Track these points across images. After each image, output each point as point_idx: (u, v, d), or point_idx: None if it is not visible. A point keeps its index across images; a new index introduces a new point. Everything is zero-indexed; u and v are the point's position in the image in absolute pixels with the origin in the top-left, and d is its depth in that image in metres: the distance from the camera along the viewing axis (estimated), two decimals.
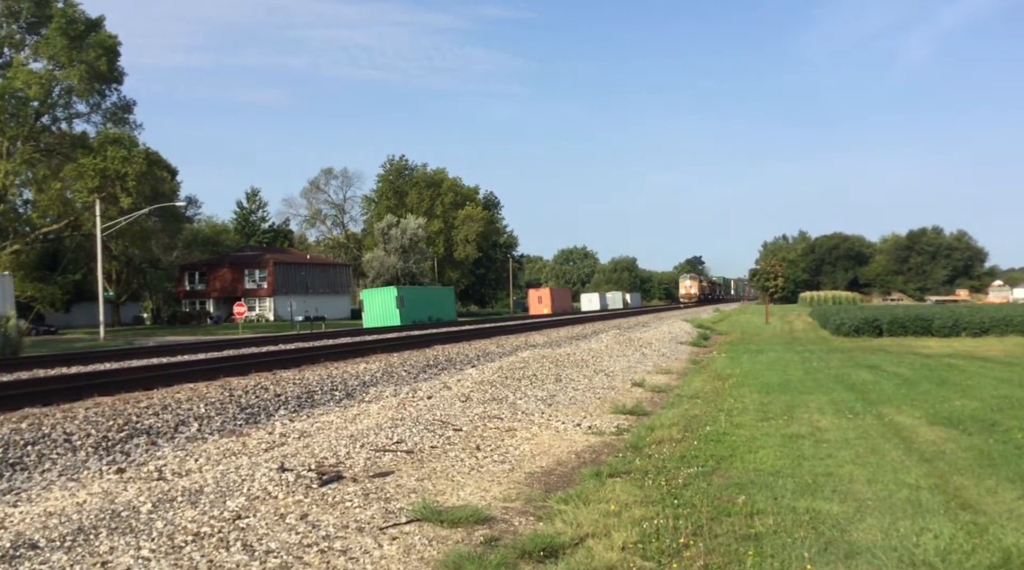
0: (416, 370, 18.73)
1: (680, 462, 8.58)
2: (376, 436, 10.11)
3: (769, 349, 26.63)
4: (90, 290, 61.01)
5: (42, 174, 59.37)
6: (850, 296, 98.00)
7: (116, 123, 61.98)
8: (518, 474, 8.49)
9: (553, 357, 20.55)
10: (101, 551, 5.69)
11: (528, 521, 6.75)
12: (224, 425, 11.63)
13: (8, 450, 9.17)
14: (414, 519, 6.61)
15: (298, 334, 36.62)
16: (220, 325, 69.21)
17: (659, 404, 13.94)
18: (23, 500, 7.66)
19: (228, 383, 14.76)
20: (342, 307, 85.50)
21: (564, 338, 30.10)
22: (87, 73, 56.27)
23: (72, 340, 45.31)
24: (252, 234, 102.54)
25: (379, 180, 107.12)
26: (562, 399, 14.25)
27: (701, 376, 18.24)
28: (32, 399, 12.28)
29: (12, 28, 58.33)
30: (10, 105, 56.15)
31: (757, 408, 12.57)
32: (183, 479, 8.02)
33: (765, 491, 7.28)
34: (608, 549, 5.72)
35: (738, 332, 38.76)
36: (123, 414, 11.24)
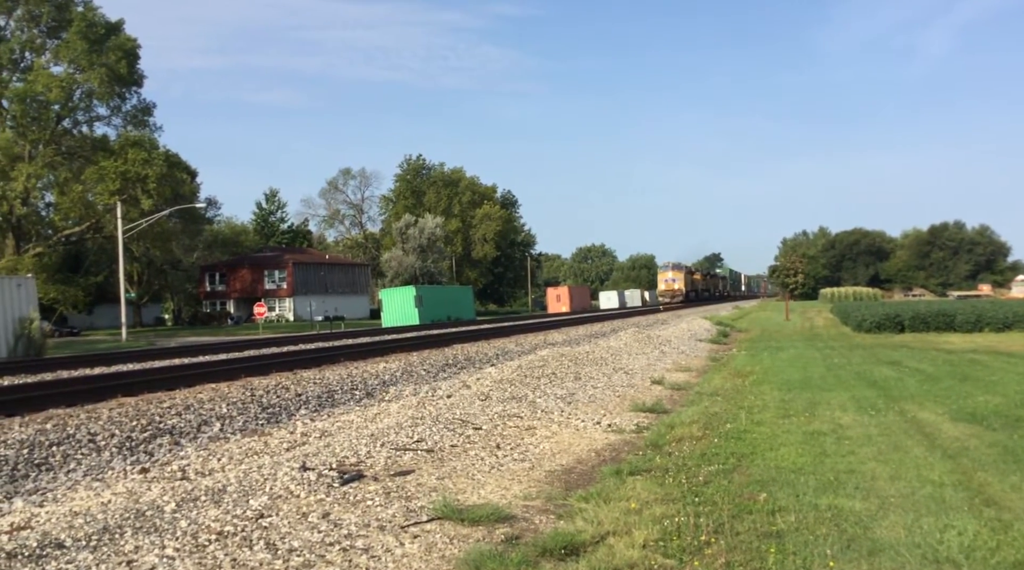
0: (435, 369, 18.78)
1: (701, 460, 8.55)
2: (396, 435, 10.15)
3: (789, 346, 26.49)
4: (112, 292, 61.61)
5: (64, 177, 60.01)
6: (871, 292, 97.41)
7: (136, 126, 62.55)
8: (538, 472, 8.50)
9: (572, 355, 20.54)
10: (126, 550, 5.75)
11: (549, 519, 6.75)
12: (246, 425, 11.71)
13: (34, 451, 9.27)
14: (435, 518, 6.63)
15: (318, 334, 36.80)
16: (240, 325, 69.66)
17: (679, 402, 13.91)
18: (49, 500, 7.75)
19: (249, 383, 14.85)
20: (361, 307, 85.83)
21: (583, 336, 30.08)
22: (107, 76, 56.82)
23: (94, 341, 45.75)
24: (271, 235, 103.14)
25: (397, 180, 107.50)
26: (581, 397, 14.25)
27: (721, 373, 18.17)
28: (56, 400, 12.42)
29: (33, 32, 58.96)
30: (32, 109, 56.77)
31: (778, 405, 12.51)
32: (206, 478, 8.08)
33: (787, 488, 7.25)
34: (629, 547, 5.71)
35: (758, 329, 38.58)
36: (146, 414, 11.34)
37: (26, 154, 56.54)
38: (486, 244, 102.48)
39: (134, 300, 69.13)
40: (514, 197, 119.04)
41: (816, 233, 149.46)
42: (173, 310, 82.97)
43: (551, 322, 39.52)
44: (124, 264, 51.12)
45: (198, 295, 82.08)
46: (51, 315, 56.44)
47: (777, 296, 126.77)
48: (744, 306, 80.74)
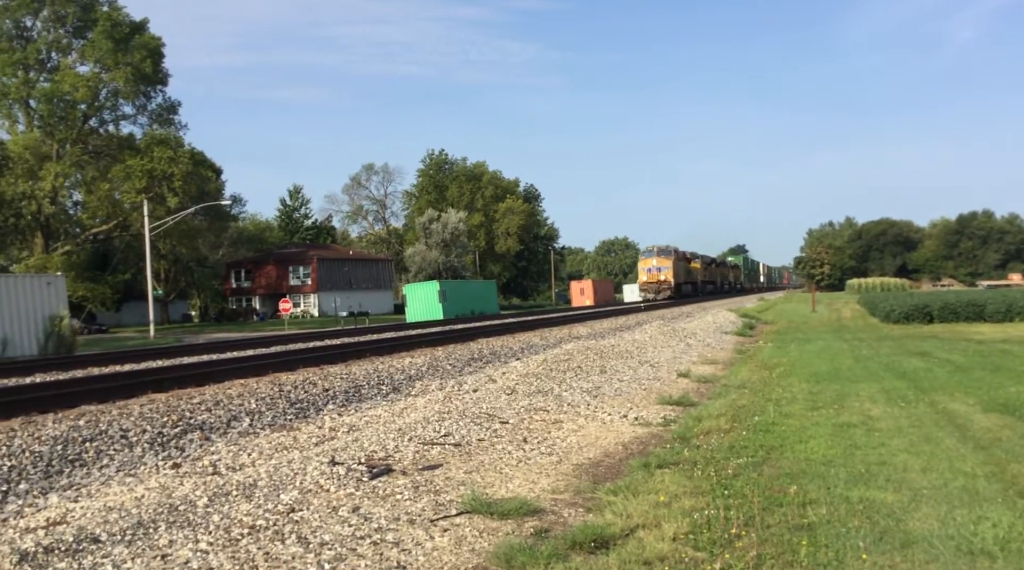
0: (461, 363, 18.82)
1: (729, 452, 8.52)
2: (424, 429, 10.19)
3: (817, 338, 26.30)
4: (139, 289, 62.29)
5: (91, 176, 60.69)
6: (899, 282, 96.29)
7: (162, 124, 63.12)
8: (566, 466, 8.51)
9: (597, 349, 20.50)
10: (160, 544, 5.82)
11: (578, 512, 6.76)
12: (275, 420, 11.80)
13: (67, 447, 9.40)
14: (464, 511, 6.66)
15: (343, 329, 36.98)
16: (266, 321, 70.17)
17: (706, 394, 13.85)
18: (83, 495, 7.86)
19: (277, 378, 14.96)
20: (385, 302, 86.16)
21: (607, 329, 30.01)
22: (133, 75, 57.37)
23: (123, 338, 46.26)
24: (295, 231, 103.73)
25: (419, 175, 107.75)
26: (607, 390, 14.23)
27: (748, 366, 18.08)
28: (88, 397, 12.57)
29: (59, 33, 59.62)
30: (59, 108, 57.44)
31: (806, 397, 12.43)
32: (237, 473, 8.16)
33: (817, 481, 7.21)
34: (659, 540, 5.70)
35: (784, 321, 38.31)
36: (177, 410, 11.46)
37: (54, 153, 57.22)
38: (509, 238, 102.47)
39: (161, 297, 69.80)
40: (537, 191, 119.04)
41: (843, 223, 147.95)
42: (200, 307, 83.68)
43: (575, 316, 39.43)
44: (151, 261, 51.61)
45: (224, 292, 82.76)
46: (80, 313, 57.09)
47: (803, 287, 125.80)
48: (769, 298, 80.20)
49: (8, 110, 59.51)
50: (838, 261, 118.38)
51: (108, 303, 63.15)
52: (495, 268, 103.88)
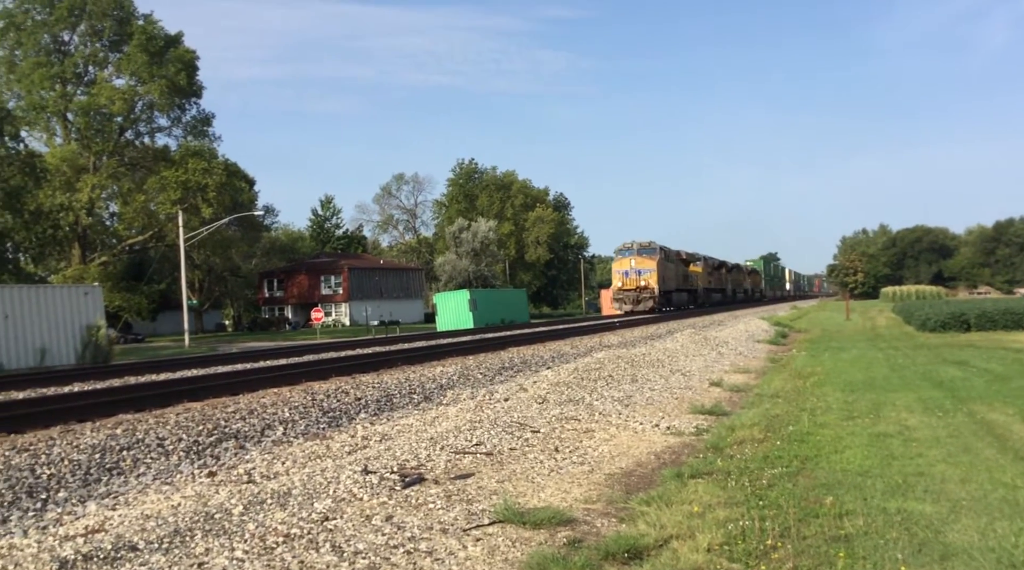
0: (492, 372, 18.83)
1: (763, 463, 8.44)
2: (455, 438, 10.21)
3: (851, 346, 25.99)
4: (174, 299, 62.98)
5: (127, 187, 61.60)
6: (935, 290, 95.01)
7: (196, 136, 63.95)
8: (598, 475, 8.48)
9: (628, 357, 20.42)
10: (197, 552, 5.88)
11: (610, 522, 6.73)
12: (308, 428, 11.88)
13: (105, 455, 9.53)
14: (496, 521, 6.65)
15: (374, 338, 37.17)
16: (298, 331, 70.70)
17: (739, 404, 13.74)
18: (121, 503, 7.96)
19: (310, 387, 15.07)
20: (415, 311, 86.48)
21: (638, 338, 29.89)
22: (167, 88, 58.21)
23: (159, 348, 46.84)
24: (327, 241, 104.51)
25: (449, 184, 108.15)
26: (639, 399, 14.16)
27: (781, 375, 17.91)
28: (125, 406, 12.75)
29: (96, 47, 60.67)
30: (95, 121, 58.43)
31: (841, 407, 12.29)
32: (271, 482, 8.22)
33: (854, 492, 7.12)
34: (693, 551, 5.66)
35: (817, 329, 37.92)
36: (212, 419, 11.58)
37: (91, 165, 58.18)
38: (539, 247, 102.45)
39: (196, 307, 70.59)
40: (566, 199, 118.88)
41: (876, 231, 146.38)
42: (233, 316, 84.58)
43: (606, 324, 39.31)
44: (186, 271, 52.26)
45: (257, 301, 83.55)
46: (116, 322, 57.94)
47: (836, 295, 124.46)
48: (802, 306, 79.41)
49: (46, 123, 60.61)
50: (872, 269, 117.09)
51: (144, 313, 63.98)
52: (525, 277, 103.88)
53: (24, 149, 48.50)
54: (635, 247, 52.59)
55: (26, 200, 45.06)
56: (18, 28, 58.08)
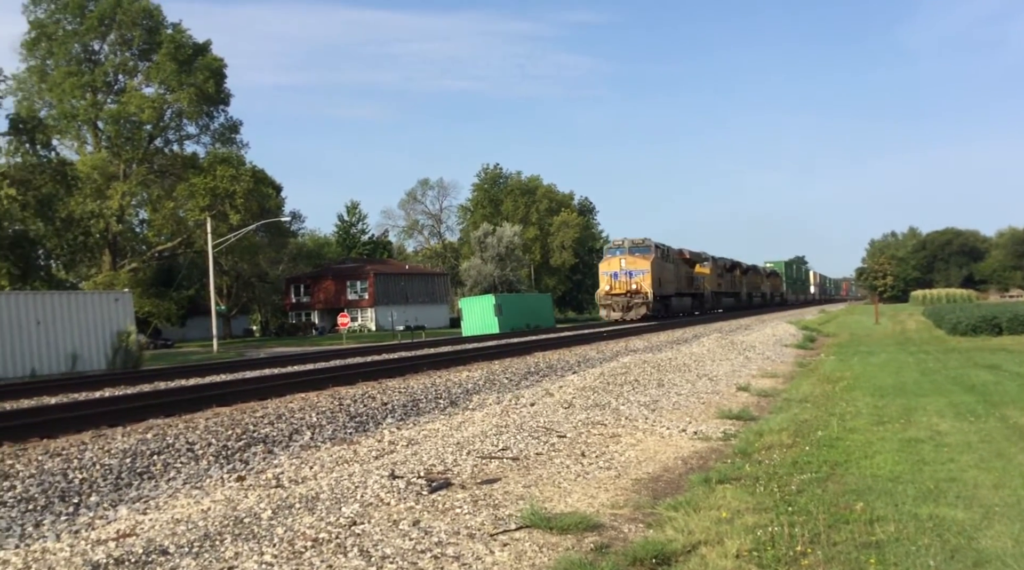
0: (518, 377, 18.83)
1: (792, 468, 8.38)
2: (482, 443, 10.21)
3: (880, 350, 25.72)
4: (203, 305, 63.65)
5: (156, 194, 62.37)
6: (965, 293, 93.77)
7: (224, 143, 64.67)
8: (624, 480, 8.45)
9: (654, 362, 20.34)
10: (227, 557, 5.93)
11: (638, 528, 6.71)
12: (335, 433, 11.95)
13: (136, 460, 9.64)
14: (523, 526, 6.65)
15: (400, 343, 37.30)
16: (325, 336, 71.12)
17: (766, 409, 13.65)
18: (152, 508, 8.05)
19: (337, 392, 15.15)
20: (441, 316, 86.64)
21: (664, 342, 29.75)
22: (196, 96, 58.92)
23: (187, 353, 47.30)
24: (353, 246, 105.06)
25: (474, 189, 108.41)
26: (665, 404, 14.10)
27: (809, 379, 17.76)
28: (155, 411, 12.88)
29: (126, 56, 61.56)
30: (125, 129, 59.28)
31: (871, 412, 12.16)
32: (299, 486, 8.27)
33: (884, 497, 7.05)
34: (722, 557, 5.63)
35: (846, 333, 37.58)
36: (240, 423, 11.67)
37: (121, 173, 58.97)
38: (564, 251, 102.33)
39: (224, 312, 71.21)
40: (591, 204, 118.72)
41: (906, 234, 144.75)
42: (261, 321, 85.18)
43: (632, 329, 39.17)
44: (214, 277, 52.77)
45: (284, 306, 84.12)
46: (146, 328, 58.59)
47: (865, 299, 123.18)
48: (830, 310, 78.68)
49: (77, 131, 61.55)
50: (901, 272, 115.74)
51: (173, 318, 64.65)
52: (550, 281, 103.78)
53: (55, 157, 49.25)
54: (626, 245, 46.24)
55: (58, 207, 45.70)
56: (49, 38, 59.06)
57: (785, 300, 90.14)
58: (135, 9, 59.00)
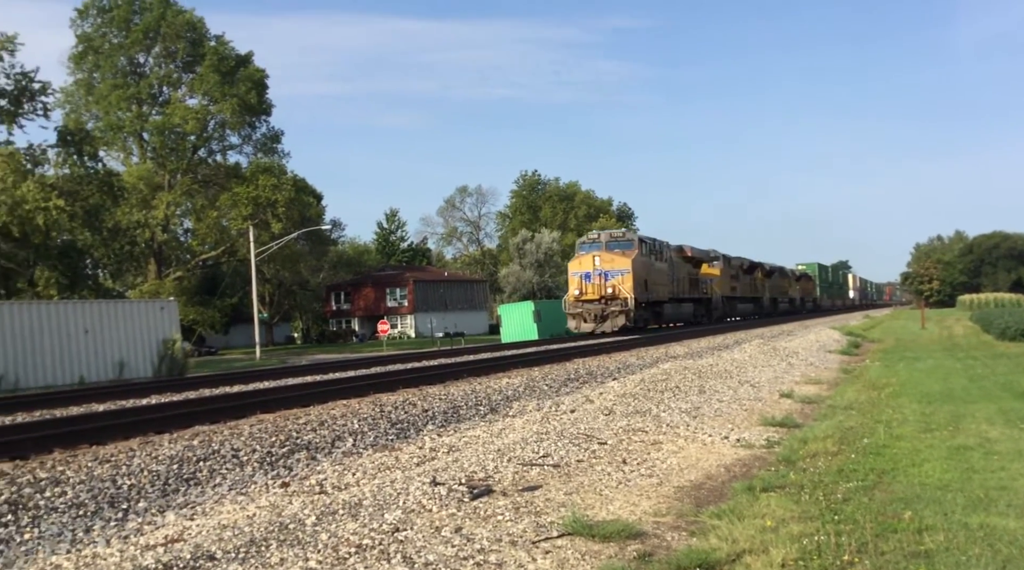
0: (557, 384, 18.81)
1: (838, 476, 8.26)
2: (522, 450, 10.21)
3: (927, 356, 25.26)
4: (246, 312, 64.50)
5: (200, 204, 63.38)
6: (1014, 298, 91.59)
7: (266, 153, 65.57)
8: (667, 488, 8.40)
9: (695, 368, 20.19)
10: (272, 562, 6.00)
11: (681, 536, 6.66)
12: (377, 440, 12.03)
13: (183, 466, 9.79)
14: (565, 533, 6.64)
15: (439, 350, 37.43)
16: (365, 343, 71.60)
17: (810, 416, 13.47)
18: (199, 513, 8.17)
19: (378, 399, 15.25)
20: (480, 322, 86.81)
21: (705, 348, 29.52)
22: (239, 106, 59.83)
23: (231, 360, 47.93)
24: (392, 253, 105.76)
25: (513, 196, 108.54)
26: (707, 411, 13.99)
27: (854, 386, 17.50)
28: (201, 417, 13.08)
29: (170, 68, 62.73)
30: (170, 140, 60.37)
31: (918, 419, 11.95)
32: (342, 492, 8.34)
33: (933, 506, 6.92)
34: (767, 566, 5.58)
35: (891, 339, 36.98)
36: (284, 430, 11.81)
37: (166, 183, 60.02)
38: None
39: (266, 320, 72.06)
40: (630, 209, 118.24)
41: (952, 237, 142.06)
42: (302, 329, 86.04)
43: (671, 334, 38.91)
44: (256, 285, 53.44)
45: (324, 314, 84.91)
46: (191, 336, 59.48)
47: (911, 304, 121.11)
48: (875, 315, 77.45)
49: (123, 143, 62.78)
50: (948, 276, 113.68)
51: (217, 326, 65.59)
52: None
53: (102, 168, 50.24)
54: (602, 239, 38.64)
55: (105, 218, 46.67)
56: (96, 51, 60.37)
57: (819, 306, 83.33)
58: (179, 22, 60.10)
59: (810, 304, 79.52)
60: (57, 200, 40.30)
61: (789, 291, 71.33)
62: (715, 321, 49.39)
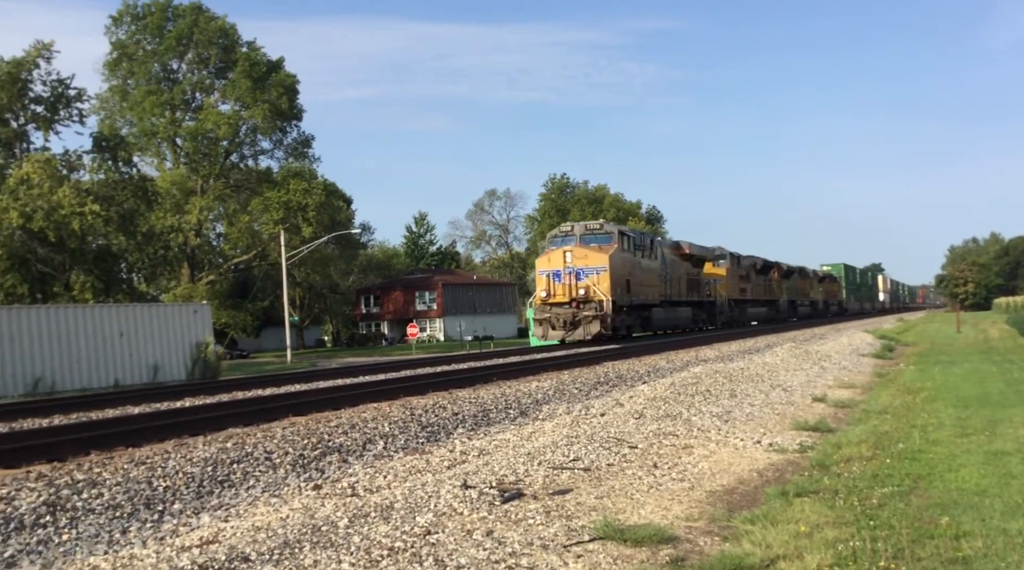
0: (587, 387, 18.76)
1: (873, 481, 8.17)
2: (552, 454, 10.20)
3: (963, 360, 24.90)
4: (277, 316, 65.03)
5: (232, 209, 64.06)
6: None
7: (297, 158, 66.21)
8: (698, 492, 8.35)
9: (726, 372, 20.06)
10: (306, 564, 6.04)
11: (713, 541, 6.62)
12: (407, 443, 12.07)
13: (216, 468, 9.89)
14: (597, 537, 6.62)
15: (468, 353, 37.50)
16: (394, 346, 71.96)
17: (844, 420, 13.34)
18: (232, 515, 8.25)
19: (408, 402, 15.29)
20: (509, 326, 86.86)
21: (736, 352, 29.31)
22: (270, 112, 60.47)
23: (262, 363, 48.37)
24: (421, 257, 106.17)
25: (541, 199, 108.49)
26: (738, 415, 13.89)
27: (888, 390, 17.30)
28: (234, 420, 13.20)
29: (203, 74, 63.53)
30: (203, 145, 61.16)
31: (954, 423, 11.79)
32: (374, 495, 8.38)
33: (971, 512, 6.83)
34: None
35: (926, 342, 36.50)
36: (316, 433, 11.89)
37: (198, 188, 60.75)
38: None
39: (297, 323, 72.61)
40: (659, 213, 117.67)
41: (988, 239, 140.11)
42: (332, 332, 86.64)
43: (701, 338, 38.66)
44: (287, 289, 53.87)
45: (354, 317, 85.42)
46: (223, 339, 60.12)
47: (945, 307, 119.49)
48: (908, 319, 76.45)
49: (157, 148, 63.70)
50: (983, 279, 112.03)
51: (248, 329, 66.26)
52: None
53: (137, 174, 51.02)
54: (575, 232, 32.92)
55: (139, 222, 47.32)
56: (130, 58, 61.30)
57: (845, 309, 78.03)
58: (211, 28, 60.85)
59: (835, 307, 74.66)
60: (93, 205, 40.93)
61: (810, 293, 66.71)
62: (720, 327, 44.89)
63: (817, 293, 68.59)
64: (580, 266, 31.31)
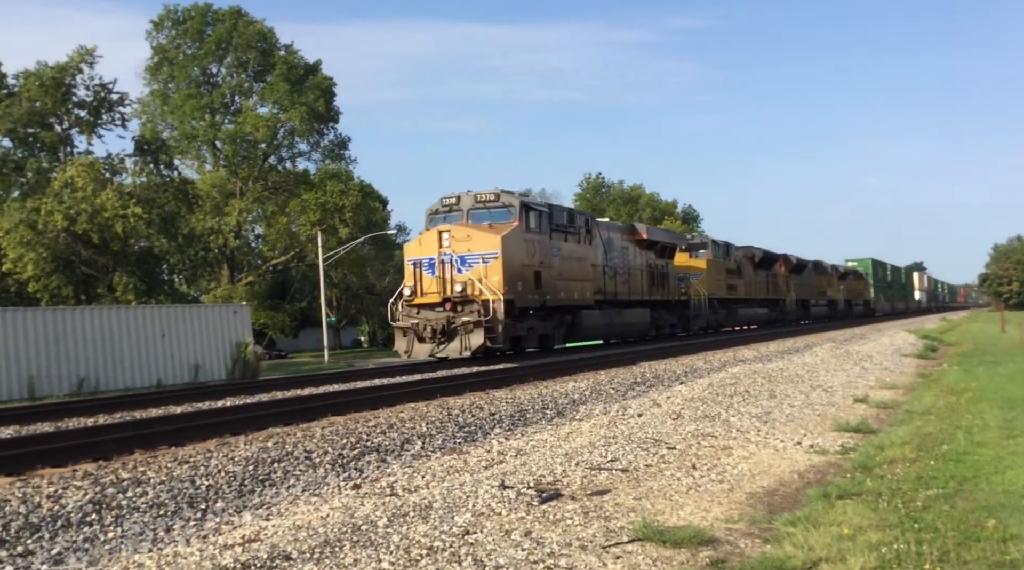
0: (624, 388, 18.69)
1: (917, 483, 8.05)
2: (590, 454, 10.19)
3: (1008, 360, 24.40)
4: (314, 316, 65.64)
5: (270, 210, 64.75)
6: None
7: (334, 159, 66.67)
8: (738, 494, 8.29)
9: (765, 372, 19.88)
10: (346, 563, 6.09)
11: (754, 543, 6.57)
12: (444, 443, 12.12)
13: (258, 467, 10.01)
14: (635, 538, 6.60)
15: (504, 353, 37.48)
16: None
17: (886, 421, 13.15)
18: (274, 514, 8.34)
19: (445, 402, 15.36)
20: None
21: (774, 352, 29.03)
22: (307, 114, 60.99)
23: (300, 364, 48.83)
24: None
25: (577, 198, 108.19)
26: (778, 416, 13.75)
27: (932, 391, 17.02)
28: (275, 419, 13.35)
29: (242, 78, 64.24)
30: (242, 148, 61.87)
31: (1000, 425, 11.56)
32: (413, 495, 8.43)
33: (1018, 515, 6.69)
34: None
35: (969, 342, 35.85)
36: (354, 433, 11.99)
37: (238, 191, 61.46)
38: None
39: (334, 324, 73.18)
40: (695, 212, 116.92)
41: None
42: (368, 332, 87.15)
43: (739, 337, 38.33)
44: (324, 290, 54.32)
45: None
46: (262, 339, 60.80)
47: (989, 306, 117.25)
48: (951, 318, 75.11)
49: (197, 151, 64.55)
50: None
51: (287, 330, 66.93)
52: None
53: (177, 176, 51.78)
54: (462, 205, 25.04)
55: (180, 224, 48.02)
56: (171, 63, 62.22)
57: (872, 309, 70.15)
58: (250, 32, 61.53)
59: (859, 307, 66.68)
60: (135, 208, 41.62)
61: (828, 291, 58.48)
62: (697, 332, 38.30)
63: (837, 291, 61.42)
64: (462, 253, 23.42)
